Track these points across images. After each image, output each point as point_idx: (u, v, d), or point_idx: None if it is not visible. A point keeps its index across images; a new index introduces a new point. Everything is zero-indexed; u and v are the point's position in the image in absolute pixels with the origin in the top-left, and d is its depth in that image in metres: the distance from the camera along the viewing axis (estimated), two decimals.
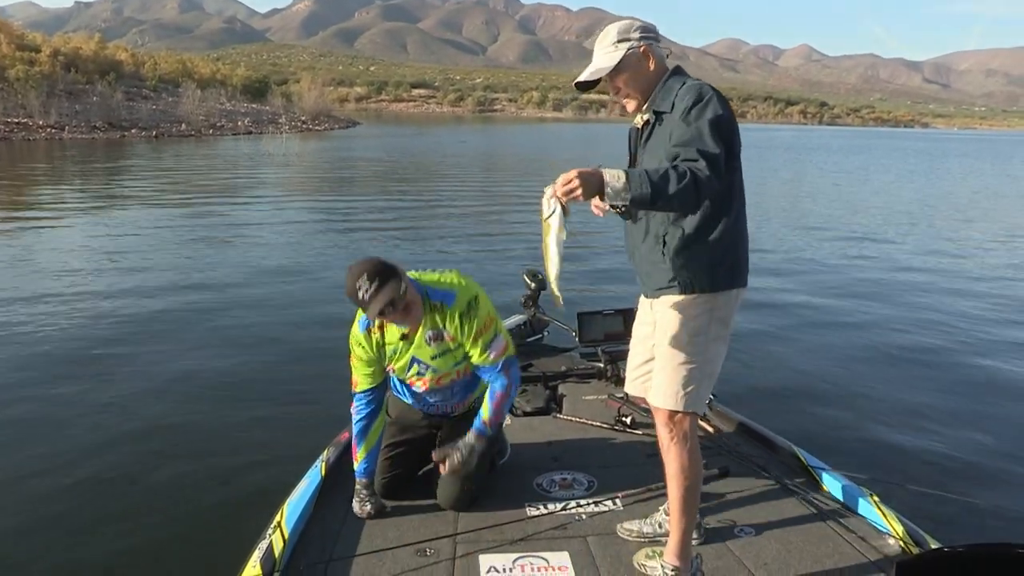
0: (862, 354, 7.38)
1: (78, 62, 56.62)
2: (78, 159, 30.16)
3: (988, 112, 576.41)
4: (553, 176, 2.37)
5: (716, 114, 2.49)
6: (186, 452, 4.90)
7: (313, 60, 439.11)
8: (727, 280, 2.69)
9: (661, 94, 2.68)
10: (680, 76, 2.72)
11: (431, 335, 3.16)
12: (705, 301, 2.68)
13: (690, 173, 2.34)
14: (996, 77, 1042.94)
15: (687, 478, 2.75)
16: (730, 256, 2.69)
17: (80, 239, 12.59)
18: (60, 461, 4.74)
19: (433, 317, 3.14)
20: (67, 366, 6.47)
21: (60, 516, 4.12)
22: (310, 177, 26.77)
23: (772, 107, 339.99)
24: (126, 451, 4.92)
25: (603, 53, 2.73)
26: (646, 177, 2.31)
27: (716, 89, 2.59)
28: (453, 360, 3.22)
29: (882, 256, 13.16)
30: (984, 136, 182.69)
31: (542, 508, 3.25)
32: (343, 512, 3.24)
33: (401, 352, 3.21)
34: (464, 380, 3.36)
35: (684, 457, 2.74)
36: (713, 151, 2.42)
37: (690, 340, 2.69)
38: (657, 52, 2.72)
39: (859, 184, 29.89)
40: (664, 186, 2.31)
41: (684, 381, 2.70)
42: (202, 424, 5.38)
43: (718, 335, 2.73)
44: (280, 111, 72.07)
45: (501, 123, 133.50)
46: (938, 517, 3.93)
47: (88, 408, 5.60)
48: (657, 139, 2.68)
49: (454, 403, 3.44)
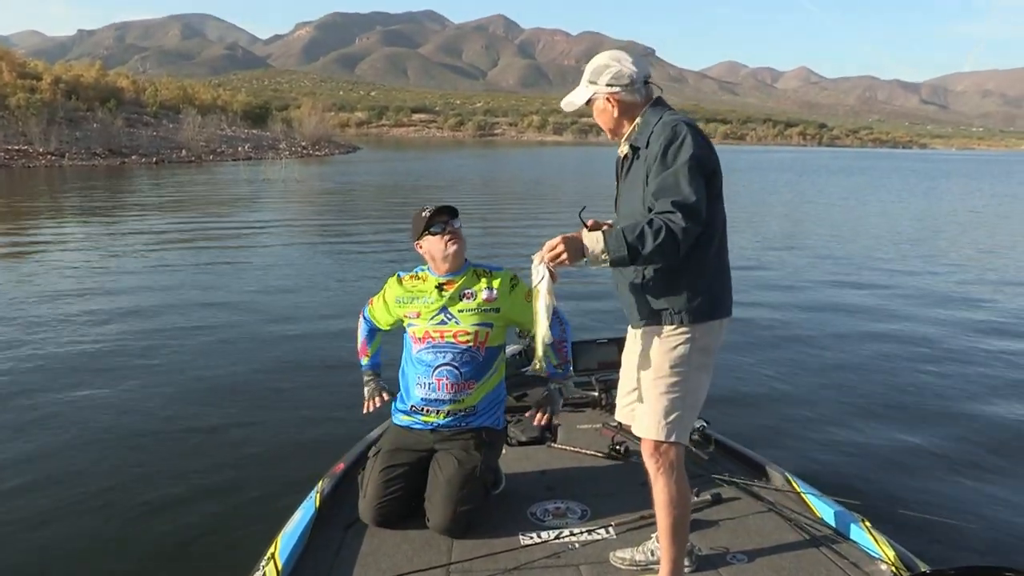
0: (856, 380, 7.37)
1: (79, 89, 56.95)
2: (77, 186, 30.25)
3: (986, 133, 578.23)
4: (554, 202, 2.44)
5: (690, 154, 2.52)
6: (176, 483, 4.88)
7: (314, 86, 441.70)
8: (707, 311, 2.72)
9: (640, 128, 2.73)
10: (658, 109, 2.75)
11: (467, 292, 3.49)
12: (685, 332, 2.71)
13: (665, 228, 2.40)
14: (993, 98, 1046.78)
15: (676, 507, 2.78)
16: (711, 288, 2.72)
17: (76, 264, 12.62)
18: (44, 487, 4.75)
19: (475, 279, 3.52)
20: (53, 391, 6.49)
21: (45, 546, 4.12)
22: (310, 202, 26.86)
23: (771, 129, 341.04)
24: (115, 478, 4.92)
25: (580, 86, 2.84)
26: (622, 239, 2.40)
27: (691, 123, 2.63)
28: (478, 319, 3.47)
29: (879, 281, 13.17)
30: (982, 156, 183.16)
31: (535, 537, 3.27)
32: (337, 544, 3.25)
33: (435, 300, 3.48)
34: (478, 354, 3.47)
35: (672, 488, 2.77)
36: (689, 199, 2.46)
37: (671, 371, 2.72)
38: (624, 99, 2.76)
39: (860, 205, 29.97)
40: (640, 245, 2.40)
41: (665, 411, 2.73)
42: (194, 453, 5.37)
43: (700, 364, 2.75)
44: (280, 137, 72.31)
45: (502, 147, 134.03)
46: (929, 541, 3.94)
47: (74, 432, 5.62)
48: (634, 174, 2.73)
49: (461, 381, 3.46)
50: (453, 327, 3.46)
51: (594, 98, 2.79)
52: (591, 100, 2.80)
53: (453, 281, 3.49)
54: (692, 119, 2.70)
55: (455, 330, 3.45)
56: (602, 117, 2.82)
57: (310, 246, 15.84)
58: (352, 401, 5.89)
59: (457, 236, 3.46)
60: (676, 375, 2.73)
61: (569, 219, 15.39)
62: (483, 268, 3.57)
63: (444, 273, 3.51)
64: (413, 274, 3.62)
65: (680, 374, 2.73)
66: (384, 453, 3.49)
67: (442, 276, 3.51)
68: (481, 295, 3.48)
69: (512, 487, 3.74)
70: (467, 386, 3.48)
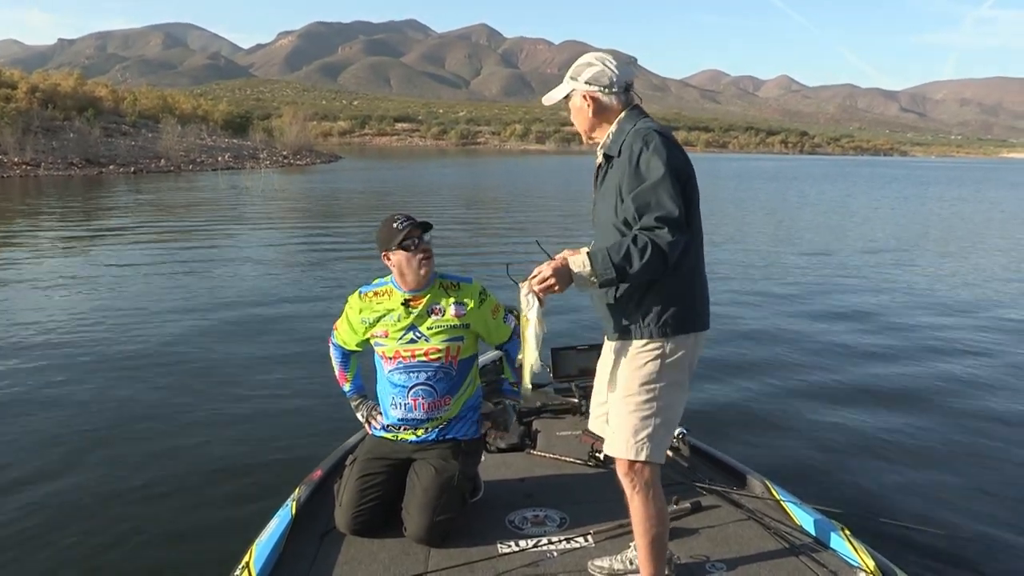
0: (835, 385, 7.39)
1: (57, 99, 56.31)
2: (51, 195, 29.95)
3: (964, 140, 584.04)
4: (536, 210, 2.42)
5: (668, 166, 2.47)
6: (148, 488, 4.84)
7: (296, 95, 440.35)
8: (678, 326, 2.63)
9: (614, 135, 2.69)
10: (633, 117, 2.69)
11: (435, 308, 3.39)
12: (656, 347, 2.63)
13: (652, 244, 2.36)
14: (970, 106, 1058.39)
15: (653, 526, 2.73)
16: (683, 301, 2.64)
17: (51, 274, 12.46)
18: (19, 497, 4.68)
19: (442, 293, 3.41)
20: (32, 404, 6.40)
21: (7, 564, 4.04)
22: (287, 210, 26.70)
23: (754, 137, 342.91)
24: (88, 483, 4.87)
25: (563, 82, 2.81)
26: (608, 261, 2.36)
27: (663, 132, 2.59)
28: (447, 335, 3.37)
29: (860, 287, 13.25)
30: (961, 163, 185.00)
31: (514, 545, 3.24)
32: (313, 553, 3.20)
33: (402, 317, 3.37)
34: (450, 369, 3.40)
35: (649, 506, 2.72)
36: (672, 213, 2.41)
37: (640, 388, 2.65)
38: (602, 101, 2.72)
39: (845, 212, 30.16)
40: (627, 265, 2.36)
41: (636, 429, 2.66)
42: (167, 457, 5.32)
43: (673, 381, 2.67)
44: (261, 146, 72.03)
45: (484, 155, 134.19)
46: (908, 550, 3.94)
47: (53, 436, 5.58)
48: (609, 183, 2.68)
49: (436, 398, 3.41)
50: (423, 345, 3.38)
51: (572, 95, 2.77)
52: (569, 96, 2.78)
53: (420, 297, 3.40)
54: (667, 128, 2.65)
55: (426, 348, 3.38)
56: (578, 116, 2.78)
57: (285, 253, 15.77)
58: (329, 408, 5.90)
59: (430, 254, 3.37)
60: (647, 392, 2.65)
61: (550, 227, 15.42)
62: (450, 280, 3.47)
63: (411, 288, 3.40)
64: (375, 290, 3.49)
65: (651, 391, 2.65)
66: (361, 461, 3.45)
67: (408, 292, 3.41)
68: (450, 311, 3.40)
69: (491, 494, 3.71)
70: (443, 402, 3.44)
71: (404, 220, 3.33)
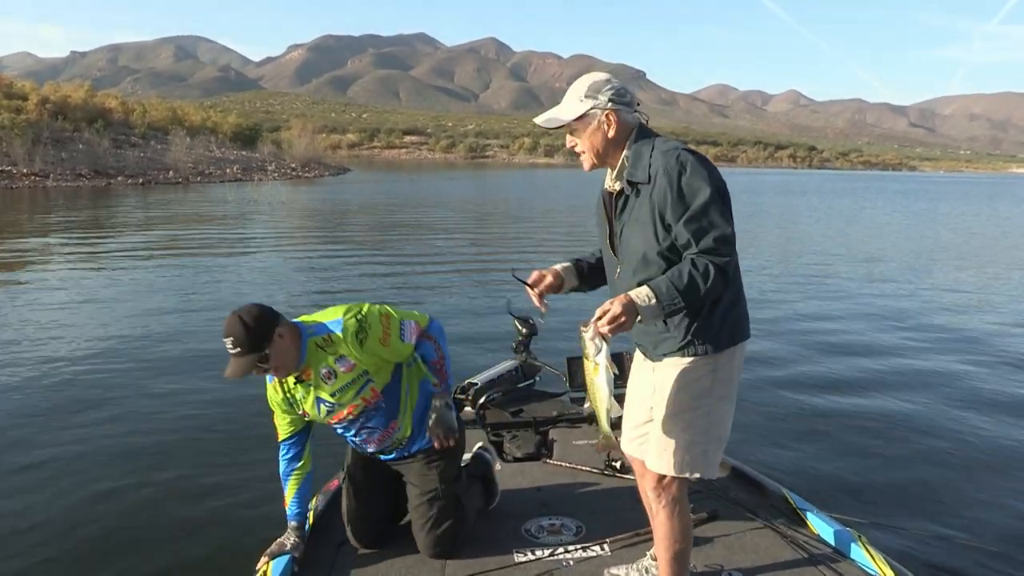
0: (851, 395, 7.36)
1: (67, 110, 56.59)
2: (59, 206, 30.05)
3: (973, 156, 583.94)
4: (550, 224, 2.39)
5: (712, 185, 2.42)
6: (166, 496, 4.85)
7: (306, 107, 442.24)
8: (728, 338, 2.61)
9: (631, 160, 2.57)
10: (647, 139, 2.59)
11: (324, 373, 3.11)
12: (708, 362, 2.59)
13: (713, 267, 2.35)
14: (979, 121, 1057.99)
15: (677, 542, 2.70)
16: (732, 313, 2.61)
17: (56, 288, 12.47)
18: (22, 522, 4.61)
19: (322, 354, 3.09)
20: (27, 418, 6.36)
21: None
22: (294, 223, 26.80)
23: (762, 151, 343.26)
24: (103, 499, 4.85)
25: (569, 102, 2.62)
26: (674, 290, 2.33)
27: (691, 150, 2.51)
28: (354, 390, 3.15)
29: (873, 299, 13.19)
30: (970, 179, 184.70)
31: (530, 554, 3.23)
32: (330, 563, 3.21)
33: (304, 396, 3.18)
34: (379, 403, 3.23)
35: (675, 522, 2.68)
36: (727, 232, 2.40)
37: (692, 404, 2.61)
38: (624, 118, 2.59)
39: (856, 226, 30.12)
40: (694, 292, 2.34)
41: (688, 445, 2.62)
42: (181, 465, 5.33)
43: (722, 395, 2.64)
44: (269, 158, 72.26)
45: (493, 169, 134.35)
46: (926, 560, 3.91)
47: (59, 458, 5.52)
48: (640, 211, 2.55)
49: (383, 431, 3.28)
50: (339, 410, 3.20)
51: (590, 114, 2.56)
52: (584, 117, 2.57)
53: (306, 368, 3.13)
54: (687, 144, 2.59)
55: (344, 411, 3.21)
56: (594, 137, 2.59)
57: (291, 264, 15.78)
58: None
59: (267, 366, 3.00)
60: (699, 408, 2.61)
61: (557, 243, 15.32)
62: (318, 336, 3.09)
63: (290, 373, 3.15)
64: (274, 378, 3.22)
65: (703, 406, 2.62)
66: (353, 478, 3.40)
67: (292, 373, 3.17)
68: (340, 369, 3.12)
69: (507, 503, 3.70)
70: (391, 429, 3.30)
71: (232, 343, 2.91)
